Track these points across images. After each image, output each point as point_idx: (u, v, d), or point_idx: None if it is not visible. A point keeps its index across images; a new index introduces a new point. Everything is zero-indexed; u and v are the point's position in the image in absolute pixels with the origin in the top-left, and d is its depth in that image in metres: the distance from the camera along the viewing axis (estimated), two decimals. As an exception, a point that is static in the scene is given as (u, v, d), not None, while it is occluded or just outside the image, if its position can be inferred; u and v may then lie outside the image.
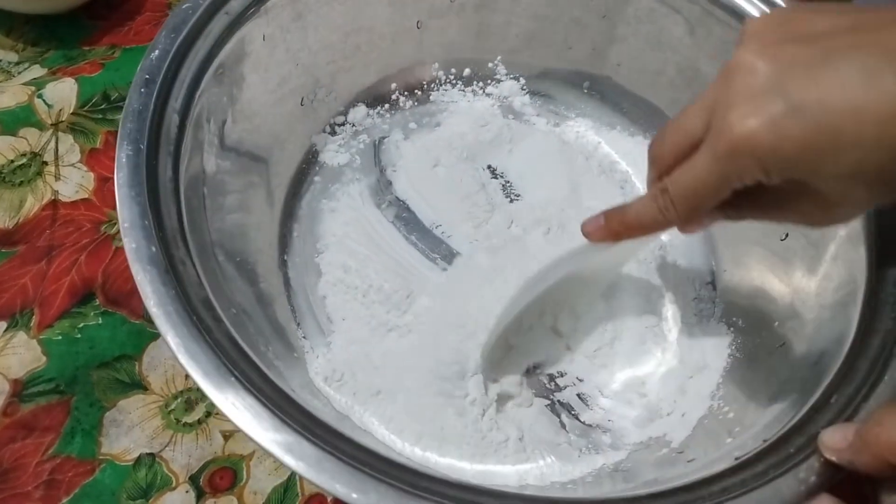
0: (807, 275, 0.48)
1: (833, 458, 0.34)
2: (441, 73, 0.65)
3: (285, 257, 0.54)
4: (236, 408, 0.34)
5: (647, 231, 0.41)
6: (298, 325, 0.51)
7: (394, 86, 0.64)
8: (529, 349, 0.52)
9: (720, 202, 0.36)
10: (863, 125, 0.30)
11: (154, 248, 0.37)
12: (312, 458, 0.33)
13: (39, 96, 0.64)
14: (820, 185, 0.33)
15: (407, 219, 0.58)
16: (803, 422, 0.37)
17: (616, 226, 0.42)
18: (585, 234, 0.44)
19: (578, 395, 0.51)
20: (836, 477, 0.35)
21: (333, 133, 0.61)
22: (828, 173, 0.32)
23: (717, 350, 0.51)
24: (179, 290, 0.37)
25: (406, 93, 0.65)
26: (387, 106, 0.64)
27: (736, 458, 0.37)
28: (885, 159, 0.31)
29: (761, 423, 0.41)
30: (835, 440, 0.34)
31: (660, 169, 0.39)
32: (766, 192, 0.35)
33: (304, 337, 0.51)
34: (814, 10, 0.34)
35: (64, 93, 0.65)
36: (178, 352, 0.35)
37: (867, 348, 0.39)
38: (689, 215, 0.38)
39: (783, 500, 0.34)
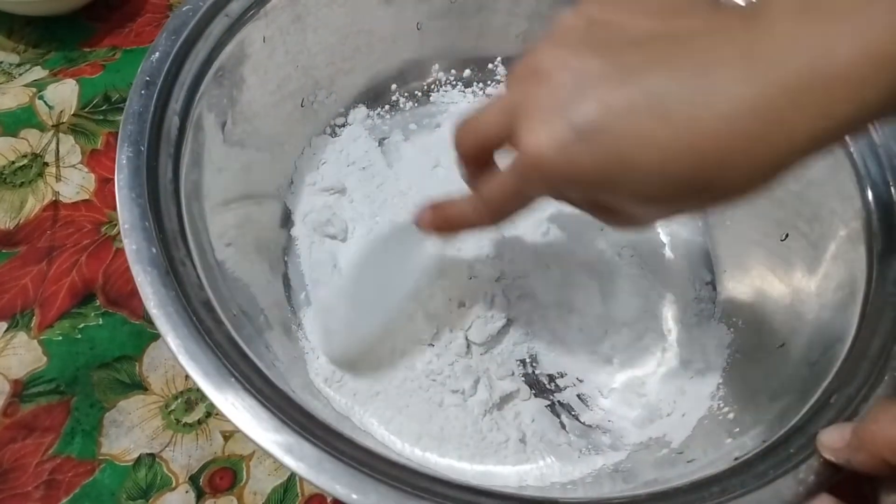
0: (807, 275, 0.48)
1: (831, 458, 0.34)
2: (441, 74, 0.65)
3: (286, 258, 0.54)
4: (236, 408, 0.34)
5: (465, 228, 0.40)
6: (298, 325, 0.51)
7: (394, 87, 0.64)
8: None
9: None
10: (649, 151, 0.28)
11: (154, 250, 0.37)
12: (312, 458, 0.33)
13: (40, 97, 0.64)
14: (616, 204, 0.32)
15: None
16: (803, 422, 0.37)
17: (441, 220, 0.41)
18: (417, 223, 0.42)
19: (578, 396, 0.51)
20: (836, 477, 0.35)
21: (334, 134, 0.61)
22: (621, 195, 0.31)
23: (717, 350, 0.51)
24: (180, 291, 0.37)
25: (406, 94, 0.64)
26: (387, 107, 0.64)
27: (736, 459, 0.37)
28: (670, 186, 0.29)
29: (761, 423, 0.41)
30: (833, 439, 0.34)
31: (467, 159, 0.38)
32: (573, 201, 0.35)
33: (304, 338, 0.51)
34: (623, 9, 0.32)
35: (65, 94, 0.65)
36: (178, 353, 0.35)
37: (867, 348, 0.39)
38: (500, 218, 0.38)
39: (783, 500, 0.34)
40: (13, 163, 0.61)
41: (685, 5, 0.31)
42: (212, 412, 0.51)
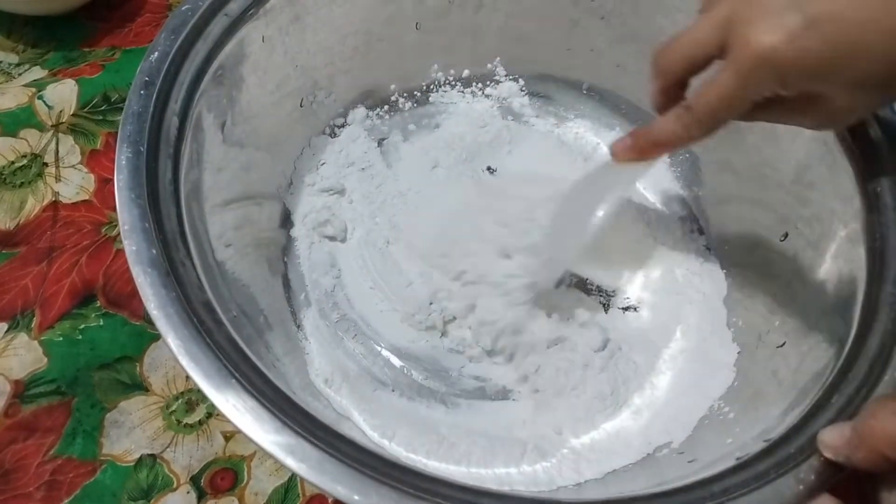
0: (806, 275, 0.47)
1: (832, 457, 0.34)
2: (440, 74, 0.65)
3: (285, 259, 0.54)
4: (238, 410, 0.34)
5: (672, 147, 0.43)
6: (299, 326, 0.51)
7: (393, 87, 0.64)
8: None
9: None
10: (875, 36, 0.32)
11: (154, 251, 0.37)
12: (314, 460, 0.33)
13: (40, 98, 0.64)
14: (832, 93, 0.35)
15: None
16: (804, 422, 0.37)
17: (643, 143, 0.43)
18: (614, 153, 0.45)
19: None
20: (837, 476, 0.34)
21: (333, 135, 0.61)
22: (841, 82, 0.34)
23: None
24: (180, 292, 0.36)
25: (405, 94, 0.64)
26: (386, 108, 0.64)
27: (737, 459, 0.37)
28: (886, 67, 0.33)
29: (762, 423, 0.41)
30: (833, 438, 0.34)
31: (668, 81, 0.40)
32: (781, 100, 0.36)
33: (304, 338, 0.51)
34: None
35: (64, 94, 0.65)
36: (179, 354, 0.35)
37: (867, 348, 0.39)
38: (712, 130, 0.39)
39: (784, 500, 0.34)
40: (13, 163, 0.60)
41: None
42: (212, 413, 0.51)
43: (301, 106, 0.57)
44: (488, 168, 0.61)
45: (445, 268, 0.53)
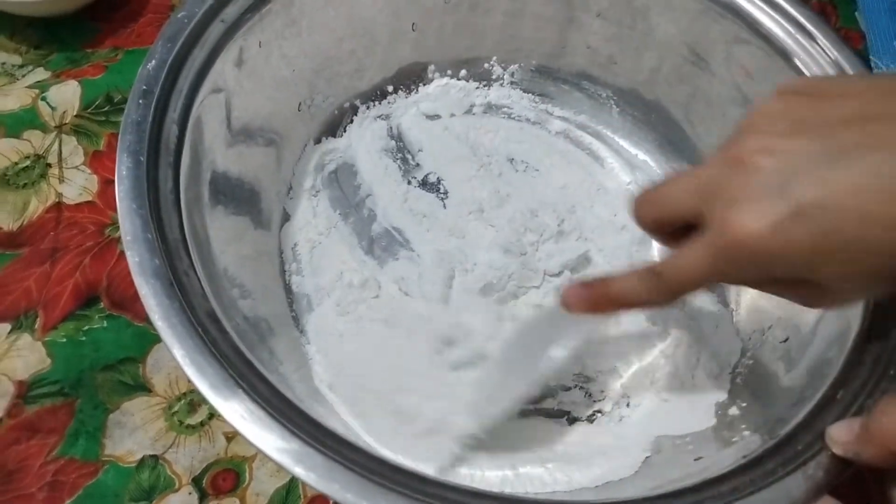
0: None
1: (841, 453, 0.34)
2: (437, 75, 0.63)
3: (287, 264, 0.53)
4: (245, 419, 0.33)
5: (629, 307, 0.37)
6: (302, 331, 0.50)
7: (390, 89, 0.62)
8: None
9: None
10: (870, 230, 0.28)
11: (157, 261, 0.36)
12: (323, 468, 0.32)
13: (43, 99, 0.62)
14: (826, 283, 0.31)
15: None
16: (810, 418, 0.36)
17: (600, 299, 0.37)
18: (566, 305, 0.38)
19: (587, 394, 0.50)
20: (845, 473, 0.34)
21: (331, 137, 0.59)
22: (828, 274, 0.30)
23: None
24: (184, 302, 0.35)
25: (404, 96, 0.63)
26: (383, 109, 0.62)
27: (744, 457, 0.36)
28: (890, 263, 0.29)
29: (768, 420, 0.40)
30: (841, 434, 0.34)
31: (646, 230, 0.37)
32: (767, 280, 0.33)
33: (307, 343, 0.49)
34: (822, 94, 0.32)
35: (67, 95, 0.63)
36: (184, 365, 0.33)
37: (872, 344, 0.38)
38: (675, 300, 0.36)
39: (793, 497, 0.33)
40: (16, 164, 0.58)
41: (864, 80, 0.31)
42: (215, 414, 0.49)
43: (299, 110, 0.56)
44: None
45: None
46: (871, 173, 0.28)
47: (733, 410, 0.45)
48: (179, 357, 0.33)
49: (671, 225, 0.35)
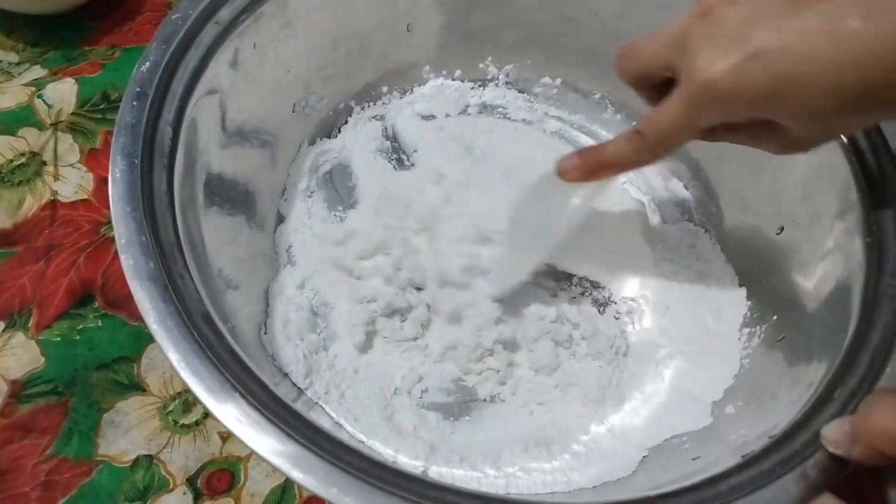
0: (804, 268, 0.46)
1: (835, 451, 0.34)
2: (432, 74, 0.63)
3: (281, 265, 0.52)
4: (241, 423, 0.32)
5: (621, 169, 0.41)
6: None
7: (385, 89, 0.61)
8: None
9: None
10: (821, 71, 0.31)
11: (152, 264, 0.35)
12: (321, 472, 0.31)
13: (39, 96, 0.61)
14: (784, 122, 0.34)
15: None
16: (808, 417, 0.36)
17: (592, 164, 0.41)
18: (561, 172, 0.43)
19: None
20: (844, 471, 0.34)
21: (326, 138, 0.58)
22: (789, 113, 0.33)
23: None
24: (179, 305, 0.34)
25: (399, 96, 0.62)
26: (378, 110, 0.61)
27: (742, 457, 0.35)
28: (842, 102, 0.31)
29: (765, 419, 0.39)
30: (834, 432, 0.34)
31: (630, 84, 0.39)
32: (736, 126, 0.36)
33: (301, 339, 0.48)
34: None
35: (64, 93, 0.62)
36: (179, 368, 0.33)
37: (868, 341, 0.38)
38: (662, 154, 0.38)
39: (792, 496, 0.33)
40: (11, 161, 0.58)
41: None
42: (209, 413, 0.49)
43: (293, 111, 0.55)
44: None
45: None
46: (820, 19, 0.31)
47: (730, 409, 0.45)
48: (175, 360, 0.33)
49: (651, 79, 0.38)
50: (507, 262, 0.50)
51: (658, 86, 0.38)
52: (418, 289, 0.51)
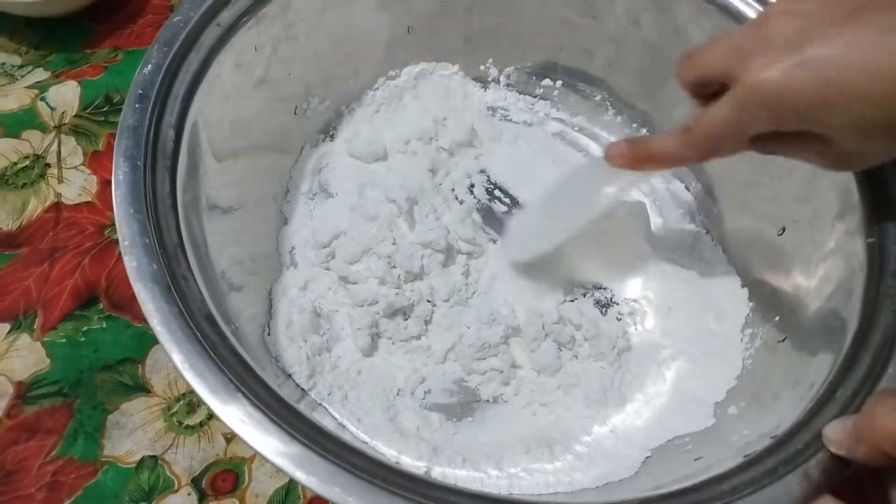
0: (805, 269, 0.46)
1: (837, 452, 0.33)
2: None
3: (284, 267, 0.52)
4: (245, 423, 0.32)
5: (665, 164, 0.42)
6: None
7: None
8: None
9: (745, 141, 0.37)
10: (871, 82, 0.31)
11: (156, 266, 0.35)
12: (324, 472, 0.31)
13: (42, 99, 0.61)
14: (834, 135, 0.33)
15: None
16: (809, 417, 0.36)
17: (639, 154, 0.42)
18: (609, 156, 0.43)
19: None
20: (846, 471, 0.33)
21: (328, 141, 0.58)
22: (838, 124, 0.33)
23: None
24: (183, 306, 0.34)
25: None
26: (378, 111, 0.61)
27: (745, 457, 0.35)
28: (891, 116, 0.31)
29: (767, 420, 0.39)
30: (835, 432, 0.34)
31: (687, 90, 0.39)
32: (785, 137, 0.35)
33: (304, 341, 0.48)
34: None
35: (66, 95, 0.62)
36: (183, 369, 0.33)
37: (869, 341, 0.38)
38: (708, 155, 0.38)
39: (794, 497, 0.33)
40: (15, 164, 0.58)
41: None
42: (214, 414, 0.49)
43: (295, 113, 0.55)
44: (481, 171, 0.59)
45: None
46: (875, 31, 0.31)
47: (732, 410, 0.45)
48: (178, 362, 0.33)
49: (708, 85, 0.37)
50: (537, 230, 0.51)
51: (713, 94, 0.37)
52: (417, 279, 0.51)
